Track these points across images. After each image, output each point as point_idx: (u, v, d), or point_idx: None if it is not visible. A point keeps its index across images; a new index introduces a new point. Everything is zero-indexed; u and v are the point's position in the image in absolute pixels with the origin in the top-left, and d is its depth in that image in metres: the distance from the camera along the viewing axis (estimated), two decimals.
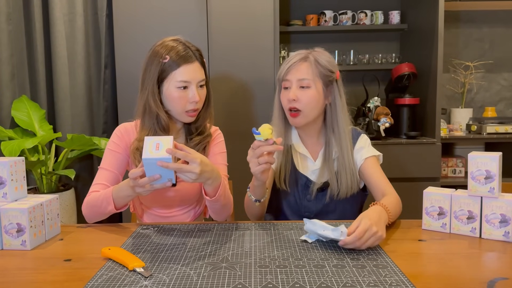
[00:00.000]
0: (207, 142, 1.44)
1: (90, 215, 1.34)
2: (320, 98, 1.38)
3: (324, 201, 1.43)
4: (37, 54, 2.62)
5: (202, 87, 1.38)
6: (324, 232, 1.07)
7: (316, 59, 1.37)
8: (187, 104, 1.35)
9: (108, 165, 1.38)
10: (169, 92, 1.34)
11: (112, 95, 2.76)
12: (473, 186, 1.13)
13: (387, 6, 3.06)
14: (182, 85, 1.33)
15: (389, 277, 0.90)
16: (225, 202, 1.32)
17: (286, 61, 1.40)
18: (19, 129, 2.57)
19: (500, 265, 0.97)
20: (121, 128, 1.44)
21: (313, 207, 1.44)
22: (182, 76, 1.32)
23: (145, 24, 2.51)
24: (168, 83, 1.34)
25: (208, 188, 1.23)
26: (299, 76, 1.36)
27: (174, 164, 1.07)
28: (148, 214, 1.49)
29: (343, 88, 1.43)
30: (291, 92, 1.37)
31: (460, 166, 2.99)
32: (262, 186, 1.27)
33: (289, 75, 1.38)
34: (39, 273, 0.95)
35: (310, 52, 1.41)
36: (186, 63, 1.33)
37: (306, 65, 1.37)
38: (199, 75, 1.36)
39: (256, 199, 1.31)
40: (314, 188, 1.42)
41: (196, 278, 0.91)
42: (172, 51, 1.33)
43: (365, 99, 2.87)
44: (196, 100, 1.34)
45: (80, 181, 2.77)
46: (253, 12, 2.51)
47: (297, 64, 1.38)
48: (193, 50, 1.36)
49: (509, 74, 3.21)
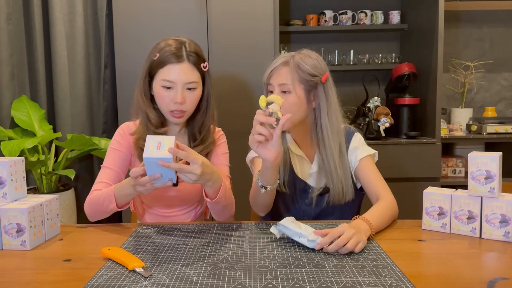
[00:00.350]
0: (210, 150, 1.43)
1: (92, 214, 1.34)
2: (302, 103, 1.34)
3: (322, 205, 1.41)
4: (37, 54, 2.62)
5: (191, 90, 1.33)
6: (299, 240, 1.08)
7: (297, 64, 1.33)
8: (171, 104, 1.32)
9: (110, 164, 1.38)
10: (155, 89, 1.34)
11: (112, 95, 2.76)
12: (473, 186, 1.13)
13: (387, 6, 3.05)
14: (165, 85, 1.31)
15: (389, 277, 0.89)
16: (226, 204, 1.31)
17: (270, 64, 1.37)
18: (19, 129, 2.56)
19: (500, 265, 0.97)
20: (124, 127, 1.44)
21: (311, 211, 1.43)
22: (166, 75, 1.31)
23: (145, 24, 2.51)
24: (155, 80, 1.34)
25: (208, 190, 1.23)
26: (280, 81, 1.33)
27: (175, 164, 1.07)
28: (149, 213, 1.49)
29: (332, 90, 1.38)
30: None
31: (460, 166, 2.99)
32: (268, 170, 1.20)
33: (271, 80, 1.35)
34: (39, 273, 0.95)
35: (293, 55, 1.36)
36: (172, 62, 1.30)
37: (286, 69, 1.33)
38: (187, 77, 1.31)
39: (263, 185, 1.24)
40: (313, 195, 1.40)
41: (196, 278, 0.91)
42: (164, 49, 1.32)
43: (365, 99, 2.86)
44: (178, 101, 1.30)
45: (80, 181, 2.77)
46: (253, 12, 2.51)
47: (278, 68, 1.34)
48: (188, 51, 1.32)
49: (509, 74, 3.21)
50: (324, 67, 1.37)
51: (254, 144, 1.15)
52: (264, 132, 1.13)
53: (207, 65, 1.38)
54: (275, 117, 1.12)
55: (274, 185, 1.25)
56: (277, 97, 1.15)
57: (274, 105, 1.13)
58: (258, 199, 1.31)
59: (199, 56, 1.35)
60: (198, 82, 1.35)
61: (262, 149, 1.16)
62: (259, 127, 1.13)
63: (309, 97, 1.35)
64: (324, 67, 1.37)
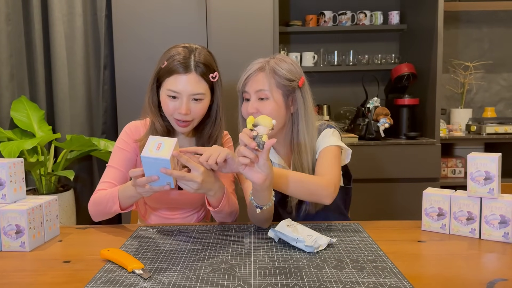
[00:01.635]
0: None
1: (95, 214, 1.33)
2: (281, 109, 1.31)
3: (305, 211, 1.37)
4: (36, 54, 2.61)
5: (198, 101, 1.30)
6: (296, 244, 1.07)
7: (273, 69, 1.30)
8: (176, 113, 1.30)
9: (116, 163, 1.37)
10: (161, 97, 1.32)
11: (111, 96, 2.75)
12: (473, 187, 1.13)
13: (386, 7, 3.05)
14: (171, 94, 1.28)
15: (389, 279, 0.89)
16: (230, 211, 1.30)
17: (245, 71, 1.33)
18: (18, 130, 2.56)
19: (500, 266, 0.97)
20: (130, 126, 1.42)
21: (296, 219, 1.36)
22: (172, 85, 1.28)
23: (145, 25, 2.51)
24: (162, 88, 1.31)
25: (211, 199, 1.22)
26: (257, 87, 1.29)
27: (177, 172, 1.06)
28: (152, 215, 1.49)
29: (309, 94, 1.35)
30: (250, 104, 1.30)
31: (460, 166, 2.99)
32: (259, 192, 1.12)
33: (247, 87, 1.31)
34: (38, 274, 0.95)
35: (268, 60, 1.33)
36: (178, 73, 1.27)
37: (262, 75, 1.30)
38: (193, 88, 1.28)
39: (257, 205, 1.15)
40: (292, 203, 1.35)
41: (196, 279, 0.91)
42: (172, 57, 1.29)
43: (365, 100, 2.87)
44: (182, 112, 1.28)
45: (79, 182, 2.76)
46: (253, 12, 2.51)
47: (254, 74, 1.30)
48: (196, 61, 1.28)
49: (509, 74, 3.21)
50: (300, 71, 1.35)
51: (240, 166, 1.07)
52: (249, 156, 1.04)
53: (217, 75, 1.33)
54: (258, 141, 1.03)
55: (269, 203, 1.16)
56: (266, 119, 1.07)
57: (261, 128, 1.05)
58: (256, 216, 1.21)
59: (207, 66, 1.30)
60: (205, 94, 1.31)
61: (249, 171, 1.07)
62: (243, 149, 1.04)
63: (288, 102, 1.32)
64: (299, 71, 1.35)
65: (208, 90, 1.32)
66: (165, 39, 2.48)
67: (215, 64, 1.35)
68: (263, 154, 1.04)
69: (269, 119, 1.07)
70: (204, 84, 1.30)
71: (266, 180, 1.07)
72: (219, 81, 1.35)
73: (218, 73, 1.34)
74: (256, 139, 1.04)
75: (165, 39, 2.48)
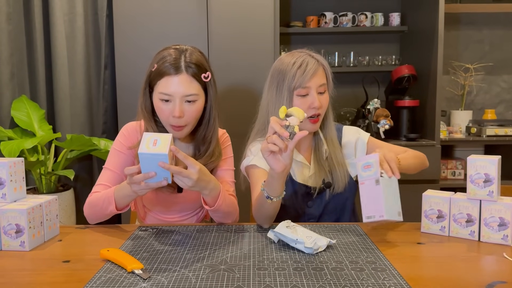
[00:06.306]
0: (215, 166, 1.40)
1: (91, 216, 1.32)
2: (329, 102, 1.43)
3: (325, 202, 1.41)
4: (37, 54, 2.62)
5: (191, 103, 1.27)
6: (296, 246, 1.08)
7: (324, 64, 1.39)
8: (170, 118, 1.27)
9: (111, 166, 1.36)
10: (155, 102, 1.30)
11: (111, 96, 2.76)
12: (472, 189, 1.13)
13: (387, 8, 3.06)
14: (163, 98, 1.26)
15: (388, 280, 0.90)
16: (227, 211, 1.29)
17: (300, 68, 1.33)
18: (19, 129, 2.56)
19: (499, 269, 0.97)
20: (128, 127, 1.41)
21: (315, 212, 1.42)
22: (163, 88, 1.25)
23: (145, 25, 2.51)
24: (154, 93, 1.29)
25: (206, 198, 1.22)
26: (319, 82, 1.35)
27: (175, 167, 1.06)
28: (150, 217, 1.48)
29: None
30: (312, 99, 1.34)
31: (460, 168, 3.00)
32: (275, 180, 1.14)
33: (310, 82, 1.33)
34: (38, 274, 0.95)
35: (312, 55, 1.38)
36: (169, 74, 1.24)
37: (321, 69, 1.37)
38: (186, 89, 1.25)
39: (268, 196, 1.17)
40: (315, 192, 1.40)
41: (195, 280, 0.91)
42: (162, 60, 1.26)
43: (365, 101, 2.87)
44: (176, 115, 1.25)
45: (80, 181, 2.77)
46: (253, 14, 2.51)
47: (316, 70, 1.35)
48: (187, 61, 1.25)
49: (509, 76, 3.22)
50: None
51: (266, 152, 1.09)
52: (280, 144, 1.06)
53: (209, 75, 1.30)
54: (290, 131, 1.05)
55: (280, 196, 1.18)
56: (299, 111, 1.08)
57: (294, 119, 1.07)
58: (262, 210, 1.23)
59: (199, 66, 1.27)
60: (198, 94, 1.28)
61: (272, 158, 1.10)
62: (276, 137, 1.06)
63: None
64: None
65: (201, 90, 1.30)
66: (166, 39, 2.48)
67: (208, 64, 1.33)
68: (291, 144, 1.07)
69: (302, 111, 1.09)
70: (197, 84, 1.27)
71: (285, 169, 1.11)
72: (212, 81, 1.32)
73: (211, 73, 1.32)
74: (288, 129, 1.06)
75: (166, 39, 2.48)
